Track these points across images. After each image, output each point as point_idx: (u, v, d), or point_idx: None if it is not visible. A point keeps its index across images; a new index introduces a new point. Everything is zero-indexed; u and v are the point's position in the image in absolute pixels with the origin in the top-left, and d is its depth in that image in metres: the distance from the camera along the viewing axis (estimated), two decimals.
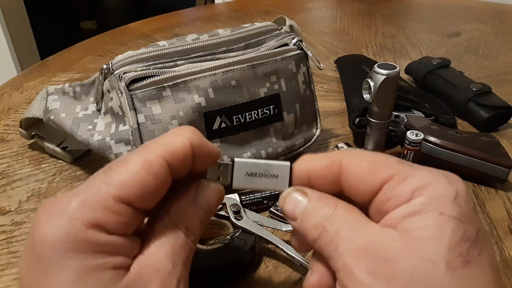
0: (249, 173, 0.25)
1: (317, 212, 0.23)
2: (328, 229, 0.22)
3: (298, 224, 0.24)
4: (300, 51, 0.47)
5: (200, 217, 0.24)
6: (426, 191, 0.21)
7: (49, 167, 0.51)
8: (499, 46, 0.86)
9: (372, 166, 0.23)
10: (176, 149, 0.22)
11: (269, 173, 0.25)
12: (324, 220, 0.23)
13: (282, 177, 0.25)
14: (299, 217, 0.24)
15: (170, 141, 0.23)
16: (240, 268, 0.36)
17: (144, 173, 0.21)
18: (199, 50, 0.44)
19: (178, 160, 0.22)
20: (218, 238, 0.37)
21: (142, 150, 0.23)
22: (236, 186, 0.25)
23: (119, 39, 0.92)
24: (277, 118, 0.46)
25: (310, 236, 0.23)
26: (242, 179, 0.25)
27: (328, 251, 0.22)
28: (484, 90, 0.59)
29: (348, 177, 0.23)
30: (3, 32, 1.75)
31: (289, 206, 0.24)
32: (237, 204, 0.39)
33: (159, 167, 0.22)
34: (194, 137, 0.23)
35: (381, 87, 0.45)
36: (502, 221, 0.42)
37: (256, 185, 0.26)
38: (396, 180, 0.22)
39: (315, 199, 0.24)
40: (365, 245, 0.21)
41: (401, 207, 0.21)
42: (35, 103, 0.49)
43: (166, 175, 0.22)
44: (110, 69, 0.42)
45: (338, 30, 0.97)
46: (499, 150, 0.47)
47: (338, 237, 0.22)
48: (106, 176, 0.22)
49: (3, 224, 0.43)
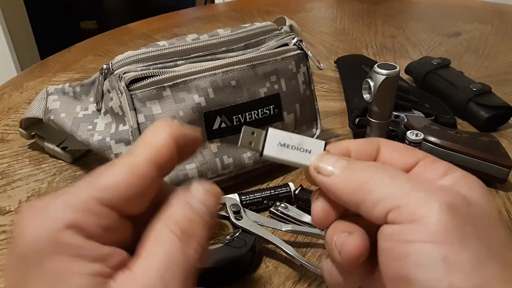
0: (281, 143, 0.24)
1: (363, 164, 0.23)
2: (383, 173, 0.21)
3: (336, 177, 0.22)
4: (300, 51, 0.47)
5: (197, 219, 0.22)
6: (459, 171, 0.23)
7: (49, 167, 0.51)
8: (499, 46, 0.86)
9: (408, 147, 0.25)
10: (159, 148, 0.22)
11: (302, 147, 0.24)
12: (374, 167, 0.22)
13: (315, 152, 0.24)
14: (338, 170, 0.23)
15: (150, 140, 0.22)
16: (240, 268, 0.36)
17: (128, 175, 0.21)
18: (199, 50, 0.44)
19: (163, 156, 0.22)
20: (218, 238, 0.37)
21: (128, 154, 0.22)
22: (267, 154, 0.24)
23: (119, 39, 0.92)
24: (277, 118, 0.46)
25: (355, 182, 0.22)
26: (274, 148, 0.24)
27: (383, 192, 0.21)
28: (484, 90, 0.59)
29: (386, 153, 0.24)
30: (3, 32, 1.75)
31: (326, 162, 0.23)
32: (237, 204, 0.39)
33: (145, 168, 0.21)
34: (174, 129, 0.23)
35: (381, 87, 0.45)
36: None
37: (287, 157, 0.24)
38: (430, 160, 0.23)
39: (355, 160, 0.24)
40: (436, 186, 0.21)
41: (443, 178, 0.22)
42: (35, 103, 0.49)
43: (152, 176, 0.21)
44: (110, 69, 0.42)
45: (338, 30, 0.97)
46: (499, 150, 0.47)
47: (399, 178, 0.21)
48: (92, 179, 0.21)
49: (3, 224, 0.43)
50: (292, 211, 0.41)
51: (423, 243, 0.19)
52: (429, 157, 0.24)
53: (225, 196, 0.41)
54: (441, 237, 0.19)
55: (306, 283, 0.36)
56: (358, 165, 0.23)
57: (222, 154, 0.44)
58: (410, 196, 0.20)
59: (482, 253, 0.19)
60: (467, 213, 0.20)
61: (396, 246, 0.20)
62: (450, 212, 0.19)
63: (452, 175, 0.22)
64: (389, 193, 0.20)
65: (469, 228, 0.19)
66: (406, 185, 0.21)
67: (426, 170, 0.23)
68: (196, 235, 0.21)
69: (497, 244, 0.20)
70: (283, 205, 0.41)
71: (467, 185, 0.22)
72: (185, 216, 0.22)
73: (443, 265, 0.18)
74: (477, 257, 0.19)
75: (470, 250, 0.19)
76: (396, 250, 0.20)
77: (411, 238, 0.19)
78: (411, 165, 0.23)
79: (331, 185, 0.23)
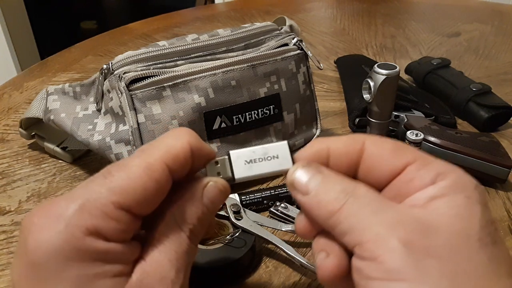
0: (248, 161, 0.24)
1: (336, 186, 0.22)
2: (352, 202, 0.21)
3: (310, 199, 0.22)
4: (300, 51, 0.47)
5: (205, 218, 0.23)
6: (450, 176, 0.21)
7: (49, 167, 0.51)
8: (499, 46, 0.86)
9: (396, 148, 0.23)
10: (176, 152, 0.22)
11: (268, 155, 0.24)
12: (345, 194, 0.21)
13: (283, 156, 0.24)
14: (312, 191, 0.22)
15: (170, 145, 0.22)
16: (240, 268, 0.36)
17: (146, 178, 0.21)
18: (199, 50, 0.44)
19: (179, 164, 0.22)
20: (218, 238, 0.37)
21: (143, 154, 0.22)
22: (239, 177, 0.24)
23: (119, 39, 0.92)
24: (277, 118, 0.46)
25: (326, 210, 0.21)
26: (243, 169, 0.24)
27: (350, 224, 0.21)
28: (484, 90, 0.59)
29: (371, 156, 0.23)
30: (3, 32, 1.75)
31: (301, 178, 0.23)
32: (237, 204, 0.39)
33: (161, 172, 0.21)
34: (192, 140, 0.23)
35: (381, 87, 0.45)
36: (502, 221, 0.42)
37: (259, 171, 0.24)
38: (419, 163, 0.22)
39: (331, 175, 0.23)
40: (398, 218, 0.20)
41: (426, 189, 0.21)
42: (35, 103, 0.49)
43: (167, 180, 0.22)
44: (110, 69, 0.42)
45: (338, 30, 0.97)
46: (499, 150, 0.47)
47: (364, 210, 0.21)
48: (106, 180, 0.21)
49: (3, 224, 0.43)
50: (292, 211, 0.41)
51: (382, 280, 0.19)
52: (419, 160, 0.22)
53: None
54: (398, 274, 0.19)
55: (306, 283, 0.36)
56: (331, 188, 0.22)
57: (222, 154, 0.44)
58: (370, 232, 0.20)
59: (444, 286, 0.18)
60: (427, 246, 0.19)
61: (361, 281, 0.20)
62: (407, 248, 0.19)
63: (438, 185, 0.21)
64: (354, 227, 0.20)
65: (429, 261, 0.19)
66: (369, 219, 0.20)
67: (412, 178, 0.22)
68: (201, 233, 0.23)
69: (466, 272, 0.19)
70: (283, 205, 0.41)
71: (447, 200, 0.20)
72: (199, 218, 0.23)
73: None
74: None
75: (430, 285, 0.18)
76: (361, 285, 0.20)
77: (371, 275, 0.20)
78: (399, 170, 0.22)
79: (306, 205, 0.22)
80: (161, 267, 0.21)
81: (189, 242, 0.22)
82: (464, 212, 0.20)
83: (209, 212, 0.24)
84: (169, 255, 0.21)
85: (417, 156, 0.22)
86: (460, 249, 0.19)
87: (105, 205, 0.20)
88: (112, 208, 0.20)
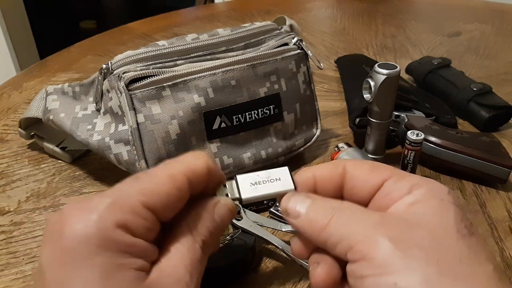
0: (253, 183, 0.27)
1: (324, 205, 0.25)
2: (339, 214, 0.24)
3: (302, 220, 0.25)
4: (300, 50, 0.47)
5: (215, 233, 0.26)
6: (424, 186, 0.24)
7: (48, 167, 0.51)
8: (500, 46, 0.86)
9: (373, 167, 0.26)
10: (196, 169, 0.25)
11: (271, 178, 0.27)
12: (332, 210, 0.24)
13: (284, 178, 0.27)
14: (304, 213, 0.25)
15: (191, 162, 0.25)
16: (240, 269, 0.36)
17: (170, 185, 0.24)
18: (199, 50, 0.43)
19: (197, 178, 0.25)
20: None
21: (167, 166, 0.25)
22: (246, 197, 0.27)
23: (119, 39, 0.92)
24: (277, 118, 0.46)
25: (317, 226, 0.24)
26: (249, 190, 0.27)
27: (340, 234, 0.23)
28: (485, 90, 0.58)
29: (352, 176, 0.26)
30: (3, 32, 1.75)
31: (293, 204, 0.26)
32: (237, 204, 0.39)
33: (182, 182, 0.24)
34: (210, 162, 0.26)
35: (382, 87, 0.45)
36: (503, 221, 0.42)
37: (264, 191, 0.27)
38: (395, 178, 0.25)
39: (319, 198, 0.26)
40: (382, 219, 0.23)
41: (403, 198, 0.24)
42: (34, 103, 0.49)
43: (186, 191, 0.24)
44: (109, 69, 0.42)
45: (338, 30, 0.97)
46: (500, 150, 0.46)
47: (351, 219, 0.23)
48: (135, 183, 0.23)
49: (3, 224, 0.43)
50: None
51: (374, 276, 0.21)
52: (395, 176, 0.25)
53: None
54: (388, 267, 0.21)
55: (306, 283, 0.36)
56: (319, 207, 0.25)
57: (222, 154, 0.44)
58: (358, 235, 0.22)
59: (431, 272, 0.20)
60: (410, 238, 0.21)
61: (356, 283, 0.22)
62: (393, 242, 0.21)
63: (413, 194, 0.24)
64: (343, 235, 0.23)
65: (414, 251, 0.21)
66: (355, 225, 0.23)
67: (390, 191, 0.24)
68: (212, 246, 0.26)
69: (449, 258, 0.21)
70: None
71: (423, 204, 0.23)
72: (210, 232, 0.25)
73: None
74: (426, 277, 0.20)
75: (418, 272, 0.20)
76: (357, 286, 0.22)
77: (364, 273, 0.21)
78: (377, 186, 0.25)
79: (299, 227, 0.25)
80: (177, 271, 0.23)
81: (201, 252, 0.25)
82: (439, 211, 0.23)
83: (219, 228, 0.26)
84: (185, 261, 0.24)
85: (393, 172, 0.25)
86: (441, 239, 0.21)
87: (134, 203, 0.22)
88: (140, 206, 0.22)
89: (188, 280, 0.23)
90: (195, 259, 0.24)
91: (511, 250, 0.39)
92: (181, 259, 0.24)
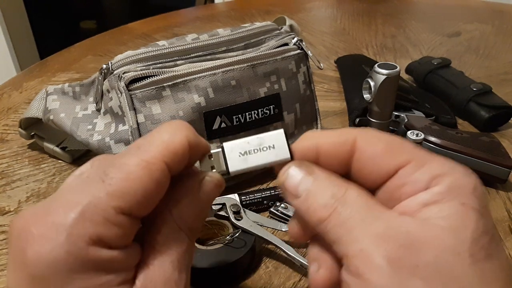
0: (242, 153, 0.23)
1: (326, 191, 0.21)
2: (340, 210, 0.20)
3: (301, 203, 0.22)
4: (300, 50, 0.47)
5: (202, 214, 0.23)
6: (445, 180, 0.20)
7: (48, 167, 0.51)
8: (500, 46, 0.86)
9: (389, 148, 0.21)
10: (175, 149, 0.21)
11: (264, 146, 0.23)
12: (334, 201, 0.20)
13: (279, 146, 0.23)
14: (303, 195, 0.21)
15: (168, 141, 0.21)
16: (240, 269, 0.36)
17: (146, 179, 0.20)
18: (199, 50, 0.44)
19: (177, 161, 0.21)
20: (218, 239, 0.37)
21: (139, 151, 0.21)
22: (234, 170, 0.23)
23: (119, 39, 0.92)
24: (277, 118, 0.46)
25: (316, 217, 0.21)
26: (237, 161, 0.23)
27: (337, 234, 0.20)
28: (485, 90, 0.59)
29: (362, 157, 0.22)
30: (3, 32, 1.75)
31: (291, 181, 0.22)
32: (237, 204, 0.39)
33: (161, 171, 0.20)
34: (190, 134, 0.22)
35: (382, 87, 0.45)
36: (503, 221, 0.42)
37: (254, 163, 0.23)
38: (413, 166, 0.21)
39: (322, 177, 0.22)
40: (385, 230, 0.19)
41: (418, 195, 0.20)
42: (35, 103, 0.49)
43: (167, 178, 0.21)
44: (109, 69, 0.42)
45: (338, 30, 0.97)
46: (500, 150, 0.47)
47: (352, 219, 0.20)
48: (104, 184, 0.20)
49: (3, 224, 0.43)
50: (292, 211, 0.41)
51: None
52: (413, 161, 0.21)
53: (225, 196, 0.41)
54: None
55: (306, 283, 0.36)
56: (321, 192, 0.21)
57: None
58: (356, 247, 0.19)
59: None
60: (414, 264, 0.18)
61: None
62: (392, 267, 0.18)
63: (431, 191, 0.20)
64: (341, 238, 0.20)
65: (415, 281, 0.18)
66: (355, 230, 0.20)
67: (405, 183, 0.21)
68: (199, 229, 0.23)
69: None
70: (283, 205, 0.41)
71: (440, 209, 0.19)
72: (196, 215, 0.22)
73: None
74: None
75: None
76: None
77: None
78: (391, 173, 0.21)
79: (297, 208, 0.22)
80: (164, 271, 0.20)
81: (188, 240, 0.22)
82: (456, 223, 0.19)
83: (205, 208, 0.23)
84: (171, 257, 0.21)
85: (413, 156, 0.21)
86: (449, 267, 0.18)
87: (105, 211, 0.19)
88: (114, 213, 0.19)
89: (177, 278, 0.21)
90: (182, 251, 0.21)
91: (511, 250, 0.39)
92: (167, 256, 0.21)
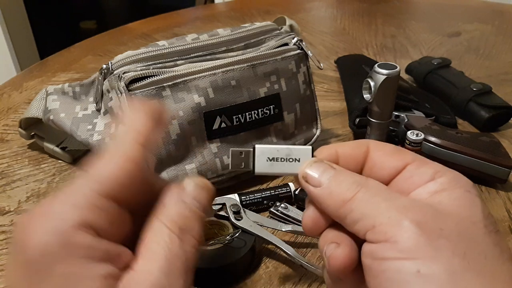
0: (270, 158, 0.26)
1: (348, 179, 0.23)
2: (364, 191, 0.22)
3: (323, 190, 0.23)
4: (300, 50, 0.47)
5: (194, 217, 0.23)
6: (447, 174, 0.23)
7: (48, 167, 0.51)
8: (500, 46, 0.86)
9: (396, 150, 0.25)
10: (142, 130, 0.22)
11: (291, 157, 0.25)
12: (357, 185, 0.22)
13: (305, 160, 0.25)
14: (326, 182, 0.23)
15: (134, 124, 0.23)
16: (240, 269, 0.36)
17: (124, 162, 0.21)
18: (199, 50, 0.44)
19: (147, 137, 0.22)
20: (218, 239, 0.37)
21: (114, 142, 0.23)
22: (259, 171, 0.26)
23: (119, 39, 0.92)
24: (277, 118, 0.46)
25: (339, 199, 0.22)
26: (264, 164, 0.26)
27: (363, 210, 0.22)
28: (485, 90, 0.59)
29: (375, 155, 0.25)
30: (3, 32, 1.75)
31: (314, 172, 0.24)
32: (237, 204, 0.39)
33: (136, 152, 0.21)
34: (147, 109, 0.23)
35: (382, 87, 0.45)
36: (503, 221, 0.42)
37: (278, 170, 0.26)
38: (417, 163, 0.24)
39: (344, 170, 0.24)
40: (410, 203, 0.21)
41: (427, 184, 0.23)
42: (35, 103, 0.49)
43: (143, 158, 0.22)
44: (109, 69, 0.42)
45: (338, 30, 0.97)
46: (500, 150, 0.47)
47: (377, 196, 0.22)
48: (88, 173, 0.21)
49: (3, 224, 0.43)
50: (292, 211, 0.41)
51: (396, 260, 0.20)
52: (417, 161, 0.24)
53: (225, 196, 0.41)
54: (412, 253, 0.20)
55: (306, 283, 0.36)
56: (343, 180, 0.23)
57: (222, 154, 0.44)
58: (383, 216, 0.21)
59: (456, 264, 0.19)
60: (438, 227, 0.20)
61: (374, 264, 0.21)
62: (420, 228, 0.20)
63: (438, 181, 0.23)
64: (366, 213, 0.21)
65: (441, 241, 0.20)
66: (381, 205, 0.21)
67: (412, 175, 0.24)
68: (192, 230, 0.22)
69: (474, 254, 0.20)
70: (283, 206, 0.41)
71: (449, 194, 0.22)
72: (180, 214, 0.22)
73: (417, 279, 0.19)
74: (451, 269, 0.19)
75: (443, 262, 0.19)
76: (374, 268, 0.21)
77: (385, 256, 0.20)
78: (399, 169, 0.24)
79: (318, 196, 0.23)
80: (150, 275, 0.20)
81: (180, 243, 0.21)
82: (466, 203, 0.22)
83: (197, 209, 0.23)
84: (159, 262, 0.20)
85: (416, 158, 0.24)
86: (468, 233, 0.20)
87: (89, 195, 0.20)
88: (97, 197, 0.20)
89: (165, 283, 0.20)
90: (172, 255, 0.21)
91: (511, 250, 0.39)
92: (155, 260, 0.20)
